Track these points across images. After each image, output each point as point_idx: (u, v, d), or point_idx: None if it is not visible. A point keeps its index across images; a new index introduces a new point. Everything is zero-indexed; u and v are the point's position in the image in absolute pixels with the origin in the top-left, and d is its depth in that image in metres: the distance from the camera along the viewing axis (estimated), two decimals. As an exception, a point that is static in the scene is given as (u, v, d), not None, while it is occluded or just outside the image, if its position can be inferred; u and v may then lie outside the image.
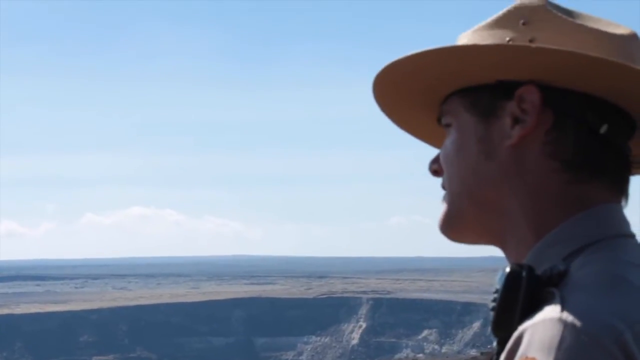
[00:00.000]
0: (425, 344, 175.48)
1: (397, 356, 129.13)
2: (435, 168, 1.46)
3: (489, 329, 1.25)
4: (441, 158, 1.43)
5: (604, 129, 1.29)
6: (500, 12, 1.38)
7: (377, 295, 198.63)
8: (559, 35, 1.31)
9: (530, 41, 1.31)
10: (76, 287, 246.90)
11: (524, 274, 1.20)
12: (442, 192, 1.42)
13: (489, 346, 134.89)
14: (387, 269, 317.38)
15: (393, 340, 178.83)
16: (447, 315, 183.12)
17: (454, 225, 1.42)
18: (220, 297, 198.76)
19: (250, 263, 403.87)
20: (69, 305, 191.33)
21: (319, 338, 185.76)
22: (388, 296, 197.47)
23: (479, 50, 1.32)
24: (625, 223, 1.33)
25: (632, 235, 1.33)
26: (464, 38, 1.41)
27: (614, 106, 1.31)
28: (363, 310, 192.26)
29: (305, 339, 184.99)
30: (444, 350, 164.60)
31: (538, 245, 1.30)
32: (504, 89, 1.33)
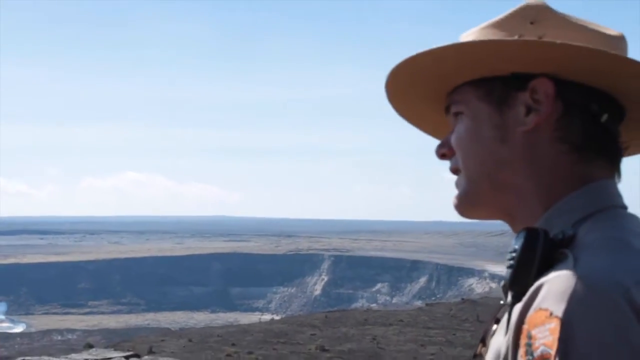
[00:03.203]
0: (378, 295, 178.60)
1: (353, 305, 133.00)
2: (444, 152, 1.46)
3: (508, 282, 1.25)
4: (454, 143, 1.42)
5: (604, 117, 1.32)
6: (506, 12, 1.38)
7: (338, 253, 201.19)
8: (565, 32, 1.31)
9: (540, 37, 1.32)
10: (75, 241, 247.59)
11: (540, 236, 1.21)
12: (450, 175, 1.43)
13: (433, 298, 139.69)
14: (347, 230, 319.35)
15: (350, 291, 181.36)
16: (397, 271, 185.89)
17: (471, 204, 1.42)
18: (201, 252, 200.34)
19: (228, 223, 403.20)
20: (69, 256, 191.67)
21: (286, 289, 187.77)
22: (347, 254, 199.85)
23: (497, 45, 1.32)
24: (620, 196, 1.36)
25: (626, 207, 1.35)
26: (471, 35, 1.40)
27: (610, 96, 1.33)
28: (325, 265, 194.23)
29: (274, 289, 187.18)
30: (394, 301, 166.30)
31: (547, 214, 1.32)
32: (517, 81, 1.33)
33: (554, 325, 1.10)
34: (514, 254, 1.24)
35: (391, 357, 53.86)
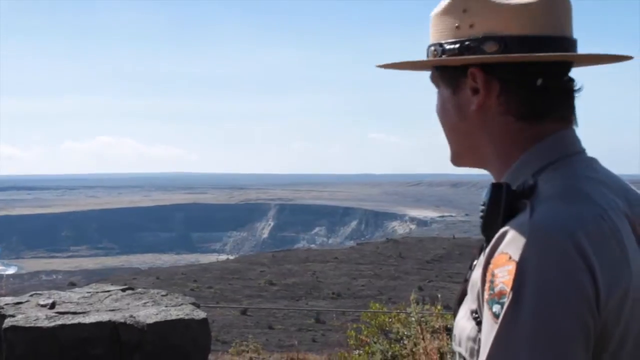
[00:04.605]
0: (316, 237, 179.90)
1: (296, 246, 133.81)
2: None
3: (480, 229, 1.29)
4: (436, 112, 1.46)
5: (539, 82, 1.31)
6: (447, 1, 1.40)
7: (282, 202, 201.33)
8: (490, 17, 1.33)
9: (471, 26, 1.34)
10: (57, 196, 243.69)
11: (504, 189, 1.24)
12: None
13: (362, 239, 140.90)
14: (289, 182, 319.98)
15: (293, 234, 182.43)
16: (332, 216, 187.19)
17: (459, 160, 1.46)
18: (166, 203, 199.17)
19: (188, 179, 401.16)
20: (52, 209, 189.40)
21: (238, 233, 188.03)
22: (290, 202, 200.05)
23: (421, 65, 1.43)
24: (577, 141, 1.36)
25: (584, 150, 1.35)
26: (433, 19, 1.43)
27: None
28: (271, 212, 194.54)
29: (228, 234, 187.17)
30: (330, 242, 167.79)
31: (512, 167, 1.34)
32: (462, 70, 1.35)
33: (511, 267, 1.14)
34: (483, 206, 1.27)
35: (328, 288, 54.48)
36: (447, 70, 1.40)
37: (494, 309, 1.16)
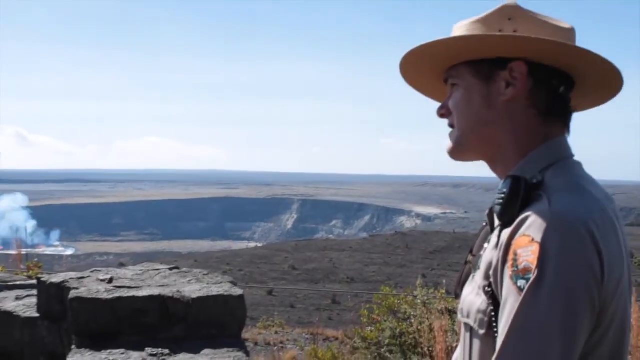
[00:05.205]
0: (334, 229, 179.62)
1: (315, 236, 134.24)
2: (442, 112, 1.48)
3: (495, 215, 1.34)
4: (451, 106, 1.45)
5: (561, 89, 1.36)
6: (490, 11, 1.42)
7: (304, 198, 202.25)
8: (533, 27, 1.36)
9: (515, 31, 1.36)
10: (110, 188, 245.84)
11: (522, 181, 1.27)
12: (448, 130, 1.47)
13: (374, 231, 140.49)
14: (311, 180, 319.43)
15: (313, 226, 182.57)
16: (348, 211, 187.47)
17: (461, 151, 1.45)
18: (203, 196, 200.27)
19: (223, 175, 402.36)
20: (105, 199, 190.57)
21: (266, 224, 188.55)
22: (311, 198, 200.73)
23: (488, 38, 1.36)
24: (570, 148, 1.40)
25: (574, 156, 1.40)
26: (463, 28, 1.43)
27: (565, 73, 1.38)
28: (295, 207, 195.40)
29: (257, 224, 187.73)
30: (345, 233, 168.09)
31: (522, 162, 1.36)
32: (500, 62, 1.37)
33: (535, 248, 1.17)
34: (502, 195, 1.29)
35: (344, 274, 54.42)
36: (480, 63, 1.40)
37: (519, 284, 1.18)
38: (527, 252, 1.18)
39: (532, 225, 1.20)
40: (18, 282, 4.90)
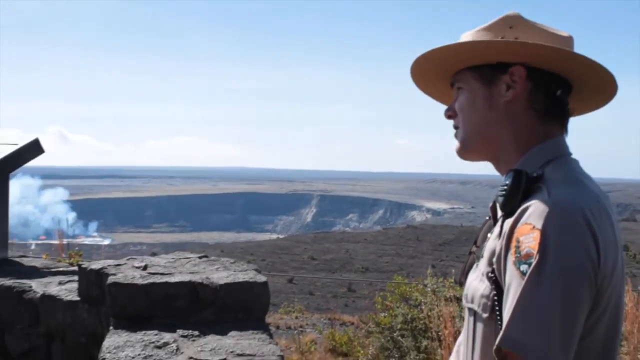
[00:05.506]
0: (350, 222, 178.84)
1: (333, 229, 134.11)
2: (449, 114, 1.48)
3: (497, 206, 1.34)
4: (457, 109, 1.45)
5: (559, 92, 1.37)
6: (493, 20, 1.42)
7: (323, 193, 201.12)
8: (532, 35, 1.37)
9: (516, 38, 1.37)
10: (143, 183, 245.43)
11: (523, 174, 1.28)
12: (454, 131, 1.48)
13: (387, 224, 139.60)
14: (329, 177, 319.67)
15: (331, 219, 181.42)
16: (363, 205, 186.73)
17: (468, 151, 1.45)
18: (230, 191, 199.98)
19: (248, 172, 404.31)
20: (139, 193, 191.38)
21: (287, 217, 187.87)
22: (329, 194, 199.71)
23: (490, 43, 1.37)
24: (568, 147, 1.40)
25: (572, 154, 1.40)
26: (469, 35, 1.43)
27: (562, 77, 1.38)
28: (314, 201, 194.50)
29: (279, 217, 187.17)
30: (361, 226, 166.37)
31: (523, 158, 1.37)
32: (501, 67, 1.38)
33: (536, 235, 1.18)
34: (505, 187, 1.29)
35: (359, 264, 54.37)
36: (483, 68, 1.40)
37: (521, 269, 1.18)
38: (529, 239, 1.18)
39: (533, 214, 1.20)
40: (61, 269, 4.96)
